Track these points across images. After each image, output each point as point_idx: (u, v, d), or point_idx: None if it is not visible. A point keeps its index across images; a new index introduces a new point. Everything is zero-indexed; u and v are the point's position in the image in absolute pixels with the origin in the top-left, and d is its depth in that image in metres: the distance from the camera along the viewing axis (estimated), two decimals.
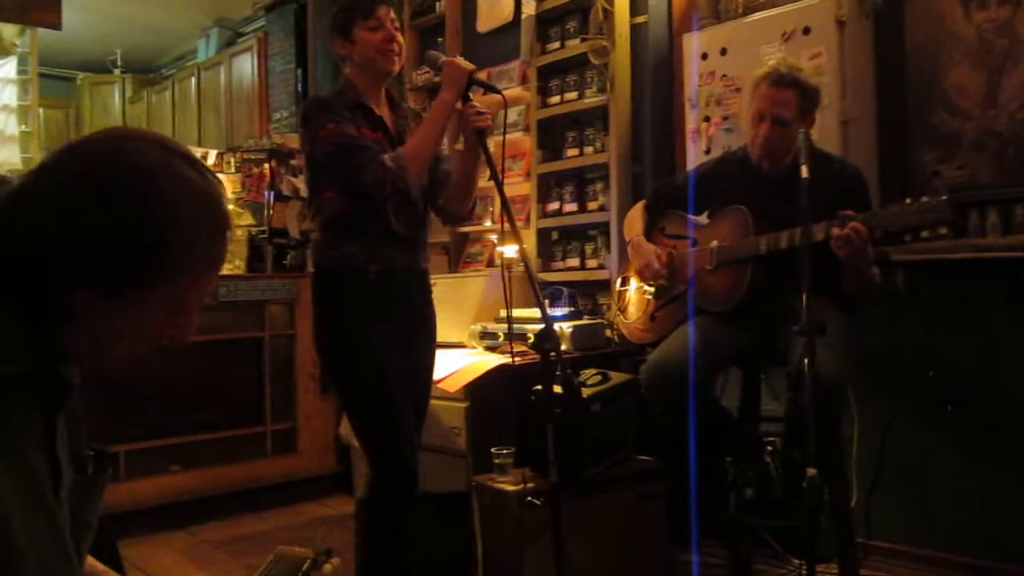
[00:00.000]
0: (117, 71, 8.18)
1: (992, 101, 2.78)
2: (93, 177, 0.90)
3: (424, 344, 2.51)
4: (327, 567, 1.40)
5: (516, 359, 2.69)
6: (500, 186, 2.15)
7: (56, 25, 5.41)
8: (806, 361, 1.98)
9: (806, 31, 2.98)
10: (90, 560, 1.15)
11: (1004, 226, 2.72)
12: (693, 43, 3.37)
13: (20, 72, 5.95)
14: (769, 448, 2.80)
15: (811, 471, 1.89)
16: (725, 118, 3.26)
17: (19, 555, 0.81)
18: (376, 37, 2.33)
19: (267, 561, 1.37)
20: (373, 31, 2.33)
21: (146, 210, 0.91)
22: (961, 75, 2.85)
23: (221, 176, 4.89)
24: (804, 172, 2.20)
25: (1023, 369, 2.71)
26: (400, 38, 2.38)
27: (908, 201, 2.28)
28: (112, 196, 0.90)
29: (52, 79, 7.93)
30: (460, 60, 2.31)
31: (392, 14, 2.37)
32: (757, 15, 3.23)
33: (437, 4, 4.70)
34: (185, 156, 0.97)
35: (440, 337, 2.61)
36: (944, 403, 2.87)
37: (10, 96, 5.88)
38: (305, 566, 1.37)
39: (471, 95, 2.30)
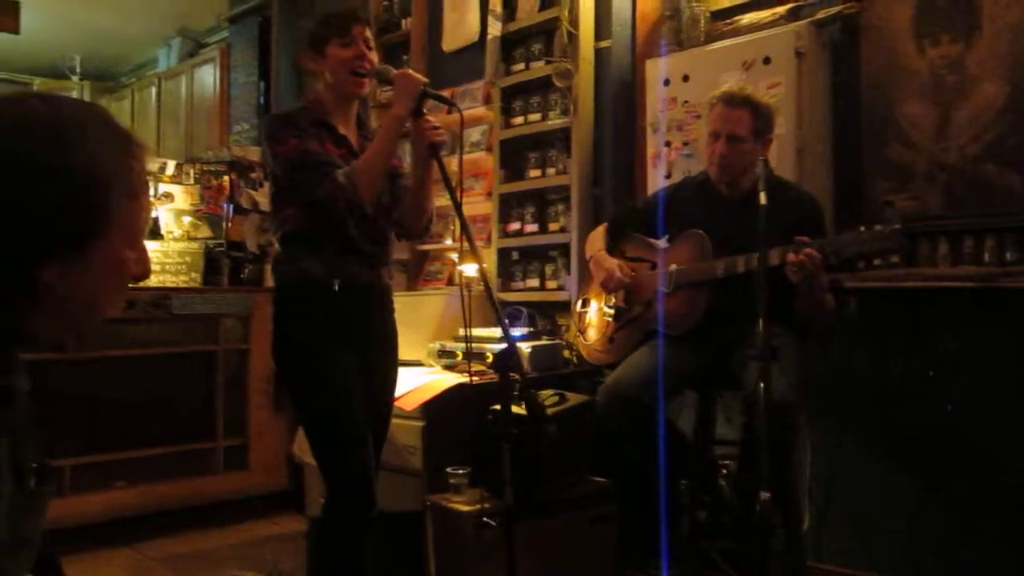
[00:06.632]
0: (75, 78, 8.04)
1: (943, 135, 2.85)
2: (19, 152, 0.88)
3: (385, 363, 2.48)
4: None
5: (475, 378, 2.68)
6: (458, 206, 2.15)
7: (14, 29, 5.31)
8: (761, 385, 2.00)
9: (766, 61, 3.04)
10: None
11: (954, 256, 2.78)
12: (656, 69, 3.41)
13: None
14: (723, 471, 2.82)
15: (764, 495, 1.91)
16: (686, 143, 3.30)
17: None
18: (347, 54, 2.33)
19: None
20: (345, 47, 2.33)
21: (72, 161, 0.90)
22: (914, 108, 2.92)
23: (179, 187, 4.84)
24: (762, 199, 2.23)
25: (971, 397, 2.76)
26: (373, 57, 2.37)
27: (862, 229, 2.34)
28: (40, 161, 0.88)
29: (8, 84, 7.78)
30: (412, 72, 2.31)
31: (367, 33, 2.37)
32: (719, 44, 3.29)
33: (403, 22, 4.71)
34: (53, 96, 0.96)
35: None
36: (895, 428, 2.92)
37: None
38: None
39: (425, 110, 2.30)
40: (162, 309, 3.91)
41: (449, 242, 4.31)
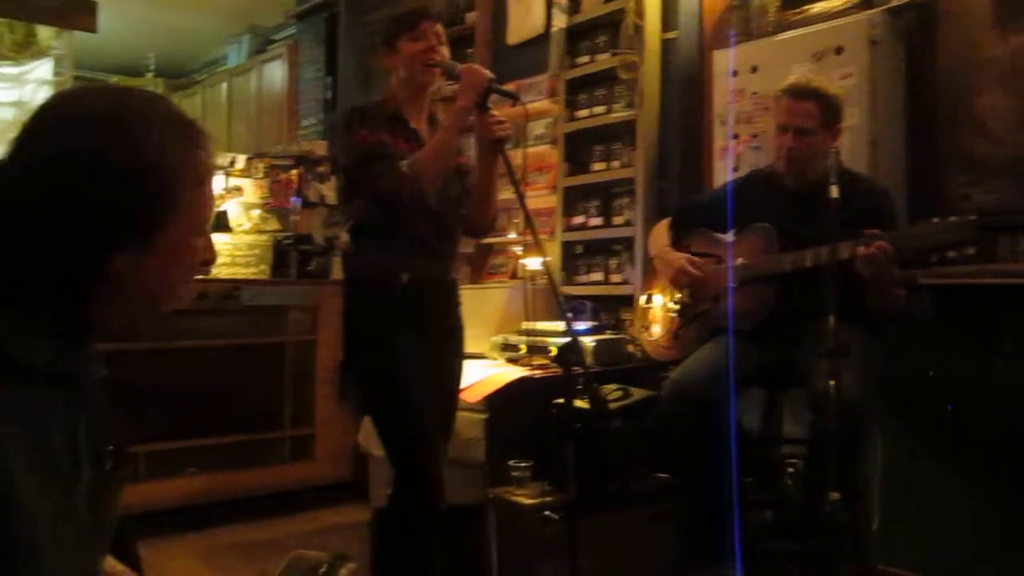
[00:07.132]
0: (150, 75, 8.26)
1: None
2: (86, 148, 0.90)
3: (452, 357, 2.50)
4: (343, 571, 1.39)
5: (538, 371, 2.68)
6: (522, 199, 2.16)
7: (92, 28, 5.48)
8: (831, 383, 1.95)
9: (838, 51, 2.97)
10: (109, 560, 1.15)
11: None
12: (724, 60, 3.36)
13: (56, 74, 6.02)
14: (789, 470, 2.77)
15: (834, 495, 1.87)
16: (754, 136, 3.24)
17: (41, 553, 0.81)
18: (417, 47, 2.36)
19: (282, 565, 1.37)
20: (415, 41, 2.36)
21: (138, 153, 0.91)
22: (993, 99, 2.81)
23: (248, 181, 4.93)
24: (834, 192, 2.18)
25: None
26: (443, 51, 2.40)
27: (935, 220, 2.26)
28: (107, 155, 0.90)
29: (86, 81, 8.02)
30: (479, 67, 2.33)
31: (438, 28, 2.40)
32: (789, 33, 3.22)
33: (467, 16, 4.72)
34: (119, 89, 0.99)
35: None
36: (967, 429, 2.83)
37: (45, 97, 5.96)
38: (321, 570, 1.36)
39: (490, 105, 2.30)
40: (232, 300, 3.99)
41: (513, 236, 4.31)
